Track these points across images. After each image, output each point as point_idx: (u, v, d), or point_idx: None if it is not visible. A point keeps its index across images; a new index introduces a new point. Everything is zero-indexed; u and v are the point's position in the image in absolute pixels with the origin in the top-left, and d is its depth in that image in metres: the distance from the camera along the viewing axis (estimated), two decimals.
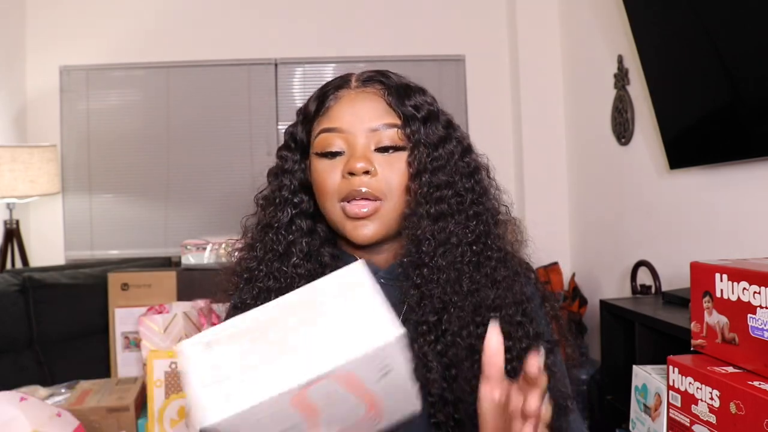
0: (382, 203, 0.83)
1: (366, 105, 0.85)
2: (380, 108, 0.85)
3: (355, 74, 0.90)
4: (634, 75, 2.49)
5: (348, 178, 0.83)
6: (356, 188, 0.82)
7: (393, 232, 0.86)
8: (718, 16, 1.81)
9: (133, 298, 2.45)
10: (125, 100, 3.29)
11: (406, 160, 0.85)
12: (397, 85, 0.87)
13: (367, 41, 3.33)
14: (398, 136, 0.84)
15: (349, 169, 0.82)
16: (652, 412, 1.41)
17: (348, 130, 0.84)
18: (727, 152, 1.90)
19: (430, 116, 0.87)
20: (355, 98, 0.86)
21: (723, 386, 1.13)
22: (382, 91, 0.86)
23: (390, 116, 0.85)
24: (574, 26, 3.09)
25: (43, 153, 2.77)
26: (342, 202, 0.84)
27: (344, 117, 0.85)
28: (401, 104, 0.85)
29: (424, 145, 0.85)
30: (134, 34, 3.24)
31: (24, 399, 1.73)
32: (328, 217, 0.88)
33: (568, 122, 3.21)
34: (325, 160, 0.85)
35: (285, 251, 0.88)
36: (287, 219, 0.90)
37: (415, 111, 0.86)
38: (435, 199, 0.84)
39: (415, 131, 0.85)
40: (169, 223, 3.25)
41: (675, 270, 2.20)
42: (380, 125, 0.84)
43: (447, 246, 0.83)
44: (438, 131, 0.87)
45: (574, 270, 3.08)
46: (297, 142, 0.91)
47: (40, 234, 3.20)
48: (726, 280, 1.18)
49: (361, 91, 0.87)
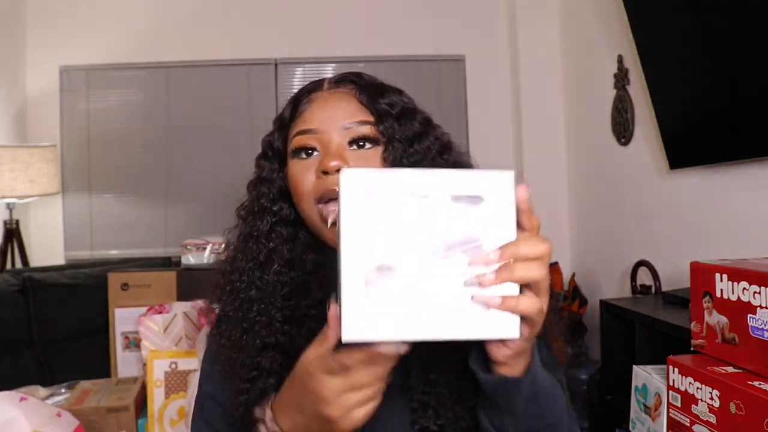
0: None
1: (338, 104, 0.85)
2: (353, 106, 0.84)
3: (327, 78, 0.90)
4: (634, 75, 2.49)
5: (323, 178, 0.81)
6: (331, 187, 0.80)
7: None
8: (718, 17, 1.82)
9: (133, 298, 2.45)
10: (125, 100, 3.29)
11: (381, 156, 0.83)
12: (369, 84, 0.87)
13: (367, 41, 3.33)
14: (371, 132, 0.83)
15: (323, 167, 0.80)
16: (652, 412, 1.41)
17: (321, 129, 0.83)
18: (726, 152, 1.90)
19: (404, 113, 0.86)
20: (328, 99, 0.86)
21: (723, 386, 1.13)
22: (355, 91, 0.86)
23: (363, 113, 0.84)
24: (574, 26, 3.09)
25: (43, 153, 2.77)
26: (319, 204, 0.82)
27: (317, 117, 0.84)
28: (374, 102, 0.84)
29: (398, 141, 0.84)
30: (134, 34, 3.24)
31: (24, 399, 1.73)
32: (306, 221, 0.86)
33: (568, 122, 3.21)
34: (300, 161, 0.84)
35: (266, 260, 0.87)
36: (267, 227, 0.88)
37: (389, 108, 0.85)
38: None
39: (389, 127, 0.83)
40: (169, 223, 3.25)
41: (675, 270, 2.20)
42: (353, 123, 0.83)
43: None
44: (414, 128, 0.86)
45: (574, 270, 3.08)
46: (274, 150, 0.90)
47: (40, 234, 3.20)
48: (726, 280, 1.18)
49: (333, 92, 0.86)
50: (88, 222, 3.24)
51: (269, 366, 0.82)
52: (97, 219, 3.25)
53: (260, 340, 0.83)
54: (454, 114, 3.35)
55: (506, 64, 3.37)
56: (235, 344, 0.85)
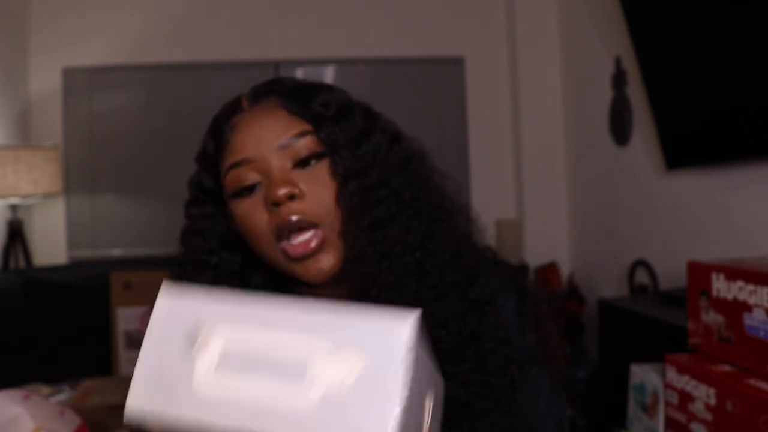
0: (322, 229, 0.71)
1: (266, 122, 0.73)
2: (283, 119, 0.73)
3: (244, 94, 0.79)
4: (631, 76, 2.51)
5: (274, 211, 0.70)
6: (286, 220, 0.69)
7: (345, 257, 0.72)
8: (716, 17, 1.83)
9: (135, 298, 2.46)
10: (127, 100, 3.30)
11: (329, 169, 0.72)
12: (293, 88, 0.76)
13: (367, 42, 3.34)
14: (313, 143, 0.72)
15: (272, 199, 0.69)
16: (649, 411, 1.42)
17: (255, 157, 0.71)
18: (724, 153, 1.91)
19: (342, 111, 0.75)
20: (253, 119, 0.74)
21: (720, 384, 1.15)
22: (280, 101, 0.74)
23: (297, 124, 0.72)
24: (572, 28, 3.10)
25: (46, 153, 2.78)
26: (280, 242, 0.71)
27: (247, 144, 0.72)
28: (305, 107, 0.73)
29: (343, 147, 0.72)
30: (136, 35, 3.25)
31: (27, 397, 1.73)
32: (272, 265, 0.75)
33: (567, 123, 3.23)
34: (243, 200, 0.73)
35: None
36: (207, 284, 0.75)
37: (324, 109, 0.73)
38: (369, 204, 0.71)
39: (329, 133, 0.72)
40: (171, 222, 3.24)
41: (672, 269, 2.21)
42: (289, 139, 0.71)
43: (389, 260, 0.70)
44: (356, 125, 0.75)
45: (573, 269, 3.09)
46: (205, 192, 0.79)
47: (43, 234, 3.21)
48: (722, 279, 1.19)
49: (257, 110, 0.75)
50: (91, 221, 3.26)
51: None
52: (100, 218, 3.26)
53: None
54: (453, 115, 3.37)
55: (505, 65, 3.39)
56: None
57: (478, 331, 0.71)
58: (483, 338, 0.71)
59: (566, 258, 3.21)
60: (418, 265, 0.71)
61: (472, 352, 0.70)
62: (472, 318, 0.71)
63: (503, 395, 0.70)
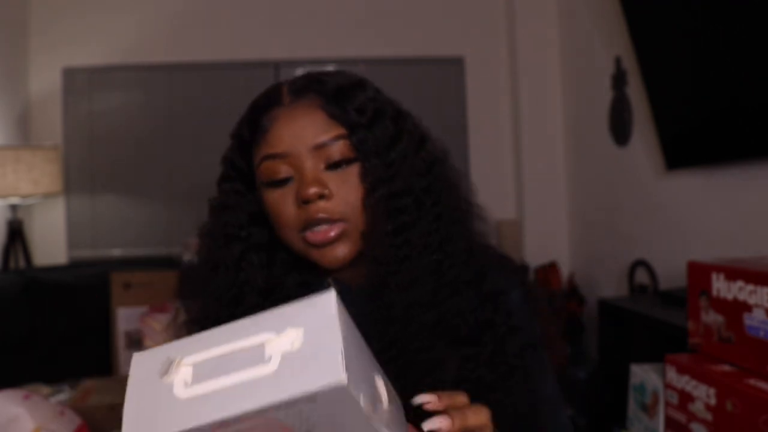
0: (345, 224, 0.76)
1: (305, 121, 0.77)
2: (321, 121, 0.77)
3: (285, 85, 0.82)
4: (632, 76, 2.51)
5: (303, 207, 0.75)
6: (313, 216, 0.75)
7: (362, 248, 0.79)
8: (716, 17, 1.83)
9: (135, 297, 2.46)
10: (127, 100, 3.30)
11: (359, 174, 0.77)
12: (333, 89, 0.79)
13: (367, 42, 3.34)
14: (347, 148, 0.76)
15: (302, 197, 0.74)
16: (649, 410, 1.43)
17: (291, 152, 0.76)
18: (724, 153, 1.91)
19: (376, 116, 0.79)
20: (292, 115, 0.77)
21: (720, 384, 1.15)
22: (319, 100, 0.78)
23: (333, 128, 0.77)
24: (572, 28, 3.11)
25: (46, 153, 2.78)
26: (302, 232, 0.77)
27: (284, 139, 0.76)
28: (342, 111, 0.77)
29: (375, 153, 0.77)
30: (136, 35, 3.25)
31: (27, 397, 1.74)
32: (290, 247, 0.80)
33: (567, 123, 3.23)
34: (274, 190, 0.78)
35: (237, 294, 0.81)
36: (237, 255, 0.81)
37: (359, 115, 0.77)
38: (393, 211, 0.77)
39: (363, 139, 0.77)
40: (171, 222, 3.27)
41: (672, 269, 2.22)
42: (325, 140, 0.76)
43: (409, 261, 0.76)
44: (387, 131, 0.79)
45: (573, 269, 3.09)
46: (237, 171, 0.83)
47: (43, 234, 3.22)
48: (722, 279, 1.19)
49: (296, 106, 0.78)
50: (91, 222, 3.26)
51: None
52: (100, 219, 3.26)
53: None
54: (453, 115, 3.37)
55: (505, 65, 3.39)
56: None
57: (493, 320, 0.77)
58: (498, 325, 0.77)
59: (566, 258, 3.21)
60: (437, 265, 0.76)
61: (489, 337, 0.76)
62: (487, 308, 0.78)
63: (522, 374, 0.77)
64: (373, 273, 0.78)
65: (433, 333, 0.76)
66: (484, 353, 0.76)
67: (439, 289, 0.76)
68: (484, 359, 0.76)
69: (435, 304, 0.76)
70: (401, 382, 0.74)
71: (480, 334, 0.77)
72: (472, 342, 0.76)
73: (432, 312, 0.76)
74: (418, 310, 0.76)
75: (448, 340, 0.76)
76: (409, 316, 0.76)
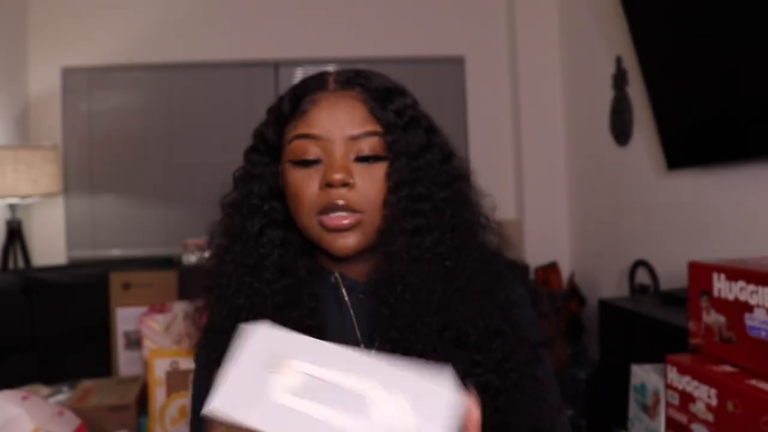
0: (361, 215, 0.78)
1: (345, 110, 0.79)
2: (361, 114, 0.79)
3: (332, 74, 0.83)
4: (632, 76, 2.51)
5: (326, 190, 0.77)
6: (334, 201, 0.77)
7: (372, 244, 0.81)
8: (716, 17, 1.82)
9: (134, 298, 2.46)
10: (126, 100, 3.30)
11: (386, 172, 0.79)
12: (378, 88, 0.81)
13: (367, 42, 3.34)
14: (379, 145, 0.79)
15: (328, 180, 0.76)
16: (650, 411, 1.42)
17: (325, 137, 0.78)
18: (724, 153, 1.91)
19: (411, 122, 0.82)
20: (334, 102, 0.79)
21: (721, 385, 1.14)
22: (363, 95, 0.80)
23: (371, 123, 0.79)
24: (573, 27, 3.10)
25: (45, 153, 2.78)
26: (319, 215, 0.78)
27: (321, 123, 0.78)
28: (383, 110, 0.80)
29: (405, 155, 0.79)
30: (136, 35, 3.25)
31: (26, 397, 1.73)
32: (303, 230, 0.82)
33: (567, 123, 3.22)
34: (301, 169, 0.79)
35: (256, 265, 0.82)
36: (257, 229, 0.83)
37: (396, 117, 0.80)
38: (412, 212, 0.79)
39: (396, 140, 0.79)
40: (170, 222, 3.27)
41: (673, 269, 2.21)
42: (360, 133, 0.78)
43: (420, 263, 0.78)
44: (419, 139, 0.81)
45: (573, 269, 3.09)
46: (267, 144, 0.85)
47: (42, 234, 3.21)
48: (723, 280, 1.19)
49: (340, 95, 0.80)
50: (90, 222, 3.26)
51: None
52: (99, 219, 3.26)
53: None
54: (453, 114, 3.36)
55: (506, 64, 3.39)
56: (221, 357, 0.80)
57: (503, 327, 0.79)
58: (508, 332, 0.79)
59: (566, 258, 3.21)
60: (447, 272, 0.78)
61: (499, 344, 0.78)
62: (498, 317, 0.79)
63: (529, 380, 0.78)
64: (384, 270, 0.79)
65: (440, 337, 0.77)
66: (493, 359, 0.78)
67: (448, 294, 0.78)
68: (492, 365, 0.77)
69: (442, 308, 0.77)
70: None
71: (490, 341, 0.78)
72: (481, 347, 0.77)
73: (438, 316, 0.77)
74: (424, 312, 0.77)
75: (456, 345, 0.77)
76: (415, 316, 0.77)
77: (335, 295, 0.86)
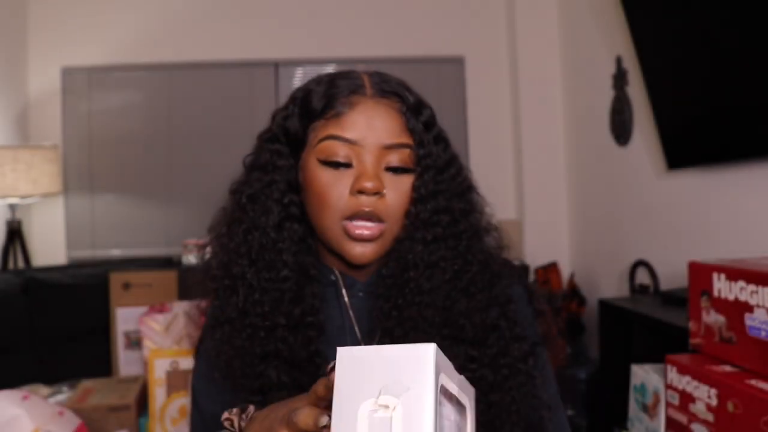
0: (385, 226, 0.79)
1: (383, 119, 0.79)
2: (397, 124, 0.79)
3: (366, 77, 0.82)
4: (632, 76, 2.50)
5: (356, 196, 0.77)
6: (363, 209, 0.77)
7: (386, 251, 0.83)
8: (716, 17, 1.82)
9: (134, 298, 2.46)
10: (126, 100, 3.30)
11: (412, 184, 0.81)
12: (414, 100, 0.82)
13: (367, 41, 3.34)
14: (409, 158, 0.80)
15: (360, 187, 0.76)
16: (650, 411, 1.42)
17: (361, 143, 0.78)
18: (725, 153, 1.91)
19: (438, 136, 0.84)
20: (373, 109, 0.79)
21: (721, 385, 1.14)
22: (399, 105, 0.81)
23: (405, 135, 0.80)
24: (572, 27, 3.10)
25: (45, 153, 2.78)
26: (345, 220, 0.78)
27: (358, 128, 0.78)
28: (416, 122, 0.81)
29: (432, 170, 0.81)
30: (136, 35, 3.25)
31: (26, 397, 1.73)
32: (321, 230, 0.81)
33: (567, 123, 3.22)
34: (329, 170, 0.78)
35: (274, 259, 0.81)
36: (275, 222, 0.82)
37: (426, 132, 0.82)
38: (432, 223, 0.81)
39: (426, 154, 0.81)
40: (170, 222, 3.27)
41: (673, 269, 2.21)
42: (395, 143, 0.79)
43: (434, 269, 0.80)
44: (445, 154, 0.84)
45: (573, 270, 3.09)
46: (288, 135, 0.83)
47: (42, 234, 3.21)
48: (723, 280, 1.19)
49: (378, 102, 0.80)
50: (90, 222, 3.26)
51: (277, 378, 0.79)
52: (99, 219, 3.26)
53: (261, 348, 0.79)
54: (453, 114, 3.36)
55: (506, 64, 3.39)
56: (236, 351, 0.80)
57: (499, 323, 0.81)
58: (503, 329, 0.82)
59: (566, 258, 3.21)
60: (455, 274, 0.81)
61: (494, 340, 0.80)
62: (494, 312, 0.82)
63: (524, 376, 0.80)
64: (396, 274, 0.81)
65: (439, 333, 0.79)
66: (488, 354, 0.80)
67: (452, 295, 0.80)
68: (487, 360, 0.79)
69: (446, 308, 0.80)
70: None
71: (485, 337, 0.80)
72: (476, 343, 0.80)
73: (441, 314, 0.79)
74: (430, 313, 0.79)
75: (453, 340, 0.79)
76: (420, 317, 0.79)
77: (334, 293, 0.86)
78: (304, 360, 0.79)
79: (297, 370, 0.79)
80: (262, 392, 0.79)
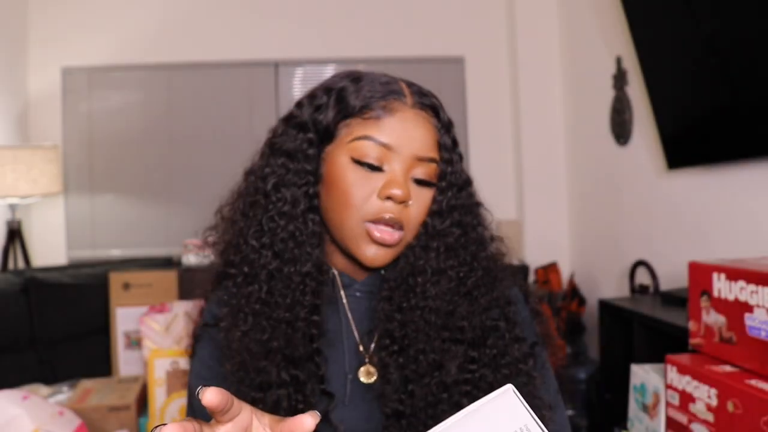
0: (404, 234, 0.80)
1: (421, 131, 0.80)
2: (432, 138, 0.81)
3: (405, 85, 0.83)
4: (632, 76, 2.50)
5: (383, 201, 0.78)
6: (388, 214, 0.78)
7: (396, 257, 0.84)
8: (716, 17, 1.82)
9: (134, 298, 2.46)
10: (127, 100, 3.30)
11: (433, 197, 0.82)
12: (446, 117, 0.86)
13: (367, 42, 3.34)
14: (434, 172, 0.82)
15: (389, 194, 0.77)
16: (650, 411, 1.42)
17: (396, 149, 0.78)
18: (725, 152, 1.91)
19: (458, 156, 0.86)
20: (412, 119, 0.80)
21: (721, 385, 1.14)
22: (434, 120, 0.83)
23: (435, 149, 0.81)
24: (573, 27, 3.10)
25: (45, 153, 2.78)
26: (368, 222, 0.78)
27: (396, 134, 0.78)
28: (447, 139, 0.83)
29: (451, 187, 0.83)
30: (136, 35, 3.25)
31: (26, 398, 1.74)
32: (339, 228, 0.81)
33: (567, 123, 3.22)
34: (359, 170, 0.78)
35: (300, 252, 0.81)
36: (301, 211, 0.81)
37: (451, 150, 0.84)
38: (445, 234, 0.83)
39: (448, 172, 0.83)
40: (170, 222, 3.27)
41: (673, 269, 2.21)
42: (427, 157, 0.80)
43: (441, 276, 0.82)
44: (465, 173, 0.87)
45: (573, 270, 3.09)
46: (317, 125, 0.82)
47: (42, 234, 3.21)
48: (723, 280, 1.19)
49: (417, 114, 0.81)
50: (90, 222, 3.26)
51: (277, 376, 0.79)
52: (99, 219, 3.26)
53: (267, 343, 0.79)
54: (453, 114, 3.29)
55: (506, 64, 3.38)
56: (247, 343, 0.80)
57: (499, 324, 0.83)
58: (503, 331, 0.83)
59: (566, 258, 3.21)
60: (460, 280, 0.83)
61: (494, 341, 0.82)
62: (494, 313, 0.84)
63: (524, 377, 0.82)
64: (402, 278, 0.83)
65: (439, 335, 0.80)
66: (488, 355, 0.81)
67: (455, 300, 0.82)
68: (487, 360, 0.80)
69: (448, 311, 0.81)
70: (403, 376, 0.80)
71: (485, 337, 0.82)
72: (476, 344, 0.81)
73: (444, 317, 0.81)
74: (433, 317, 0.80)
75: (453, 341, 0.80)
76: (422, 320, 0.80)
77: (331, 291, 0.86)
78: (304, 358, 0.79)
79: (296, 368, 0.79)
80: (262, 389, 0.79)
